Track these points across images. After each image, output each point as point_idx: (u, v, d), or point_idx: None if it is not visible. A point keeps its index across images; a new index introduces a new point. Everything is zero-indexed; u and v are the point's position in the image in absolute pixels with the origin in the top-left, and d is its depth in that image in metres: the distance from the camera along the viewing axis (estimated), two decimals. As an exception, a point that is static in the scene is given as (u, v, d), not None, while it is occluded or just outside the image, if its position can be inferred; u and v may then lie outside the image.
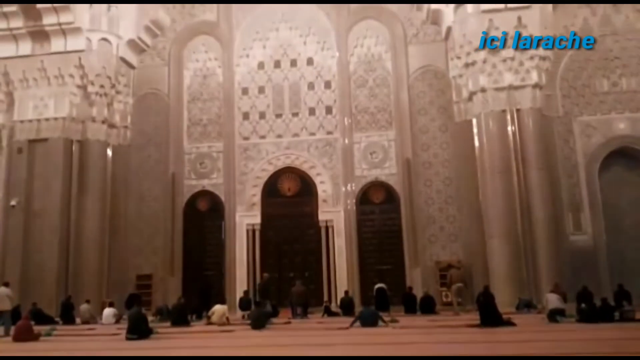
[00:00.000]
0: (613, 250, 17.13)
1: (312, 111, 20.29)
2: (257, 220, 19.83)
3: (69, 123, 18.69)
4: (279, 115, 20.45)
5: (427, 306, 15.37)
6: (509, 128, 16.65)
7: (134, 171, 20.56)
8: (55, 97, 18.77)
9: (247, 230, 19.76)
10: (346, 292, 16.36)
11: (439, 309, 15.75)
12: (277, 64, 20.80)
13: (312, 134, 20.11)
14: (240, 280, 19.19)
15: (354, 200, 19.42)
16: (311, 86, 20.46)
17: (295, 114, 20.35)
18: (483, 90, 16.79)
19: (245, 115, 20.67)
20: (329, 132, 20.05)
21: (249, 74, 20.91)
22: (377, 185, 19.49)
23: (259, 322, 11.89)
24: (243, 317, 14.61)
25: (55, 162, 18.40)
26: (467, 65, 17.10)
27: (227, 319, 13.15)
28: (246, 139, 20.47)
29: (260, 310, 12.57)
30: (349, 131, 19.82)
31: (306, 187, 19.96)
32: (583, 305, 12.20)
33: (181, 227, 20.08)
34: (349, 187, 19.51)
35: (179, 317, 13.38)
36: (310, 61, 20.61)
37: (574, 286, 14.68)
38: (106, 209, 19.13)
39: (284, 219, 19.91)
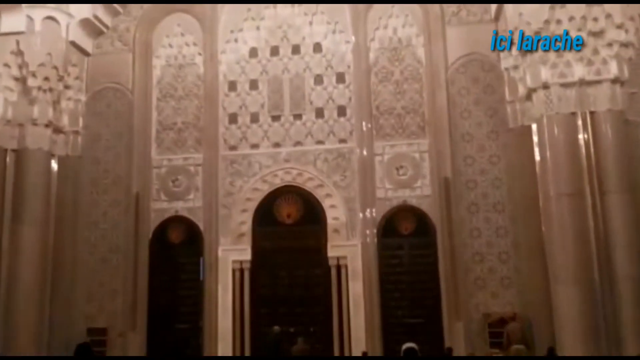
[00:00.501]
0: None
1: (319, 113, 20.30)
2: (247, 256, 19.73)
3: (2, 127, 18.67)
4: (276, 118, 20.48)
5: (473, 374, 15.14)
6: (581, 136, 16.42)
7: (86, 190, 20.56)
8: (-16, 93, 18.81)
9: (234, 270, 19.65)
10: (364, 354, 16.22)
11: (488, 377, 15.53)
12: (275, 51, 20.87)
13: (320, 142, 20.11)
14: (223, 336, 19.08)
15: (375, 231, 19.31)
16: (319, 80, 20.48)
17: (297, 117, 20.39)
18: (545, 86, 16.58)
19: (233, 118, 20.70)
20: (342, 141, 20.03)
21: (237, 63, 20.98)
22: (406, 210, 19.38)
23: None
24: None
25: (-17, 179, 18.38)
26: (524, 53, 16.98)
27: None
28: (233, 148, 20.49)
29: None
30: (368, 139, 19.79)
31: (312, 212, 19.92)
32: (684, 375, 11.89)
33: (146, 265, 19.99)
34: (368, 214, 19.41)
35: (141, 386, 13.22)
36: (317, 47, 20.67)
37: (671, 349, 14.34)
38: (48, 241, 19.00)
39: (282, 255, 19.81)
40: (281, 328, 17.08)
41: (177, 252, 20.29)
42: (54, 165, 19.73)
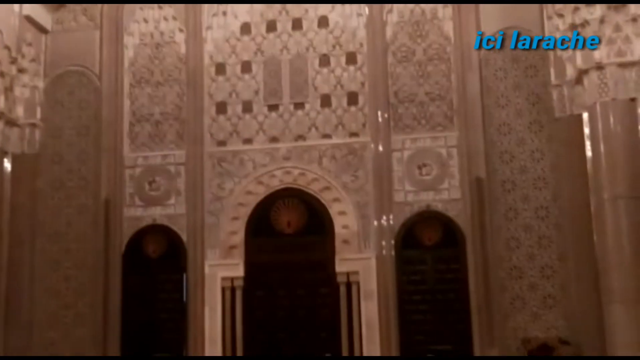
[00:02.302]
0: None
1: (326, 100, 20.21)
2: (239, 272, 19.67)
3: (-57, 120, 18.62)
4: (273, 107, 20.40)
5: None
6: (642, 127, 16.41)
7: (46, 195, 20.48)
8: None
9: (223, 289, 19.61)
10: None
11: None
12: (272, 27, 20.77)
13: (327, 136, 20.04)
14: (211, 368, 19.11)
15: (393, 242, 19.24)
16: (325, 61, 20.39)
17: (299, 106, 20.31)
18: (600, 67, 16.36)
19: (221, 107, 20.63)
20: (353, 134, 19.97)
21: (227, 42, 20.87)
22: (430, 217, 19.32)
23: None
24: None
25: None
26: (574, 27, 16.77)
27: None
28: (222, 144, 20.45)
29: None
30: (384, 132, 19.72)
31: (317, 220, 19.90)
32: None
33: (119, 284, 19.93)
34: (384, 221, 19.35)
35: None
36: (323, 22, 20.57)
37: None
38: (2, 256, 18.92)
39: (281, 271, 19.73)
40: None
41: (155, 268, 20.20)
42: (7, 164, 19.57)
